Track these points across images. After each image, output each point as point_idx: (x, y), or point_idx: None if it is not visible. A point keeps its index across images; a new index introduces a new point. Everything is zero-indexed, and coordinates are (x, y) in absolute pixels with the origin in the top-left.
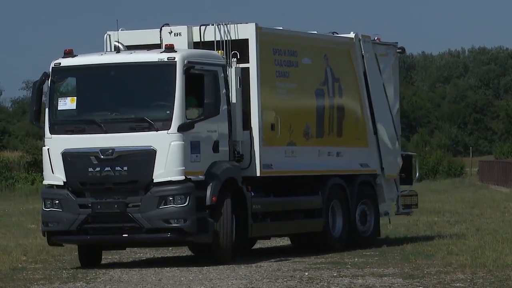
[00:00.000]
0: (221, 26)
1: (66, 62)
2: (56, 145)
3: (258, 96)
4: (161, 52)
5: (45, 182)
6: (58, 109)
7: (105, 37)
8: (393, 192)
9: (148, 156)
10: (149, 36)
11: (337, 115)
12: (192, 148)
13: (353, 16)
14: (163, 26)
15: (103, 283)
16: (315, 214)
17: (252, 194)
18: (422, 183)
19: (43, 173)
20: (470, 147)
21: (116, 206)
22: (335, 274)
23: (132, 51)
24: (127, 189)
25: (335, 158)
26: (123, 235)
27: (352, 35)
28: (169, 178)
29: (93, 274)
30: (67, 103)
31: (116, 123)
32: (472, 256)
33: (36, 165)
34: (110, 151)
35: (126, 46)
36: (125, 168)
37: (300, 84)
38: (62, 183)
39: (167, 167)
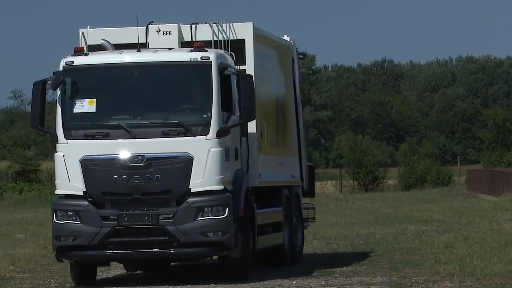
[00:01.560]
0: (215, 25)
1: (80, 60)
2: (73, 151)
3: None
4: (190, 51)
5: (59, 191)
6: (74, 112)
7: (80, 35)
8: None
9: (184, 163)
10: (131, 34)
11: (282, 122)
12: (225, 155)
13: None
14: (149, 24)
15: None
16: (279, 227)
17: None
18: (410, 192)
19: (56, 181)
20: (458, 156)
21: (146, 218)
22: (323, 283)
23: (156, 49)
24: (159, 200)
25: (282, 168)
26: (154, 250)
27: (287, 38)
28: (208, 188)
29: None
30: (85, 106)
31: (146, 128)
32: (460, 265)
33: (24, 175)
34: (140, 158)
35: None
36: (157, 176)
37: (269, 89)
38: (81, 193)
39: (206, 175)
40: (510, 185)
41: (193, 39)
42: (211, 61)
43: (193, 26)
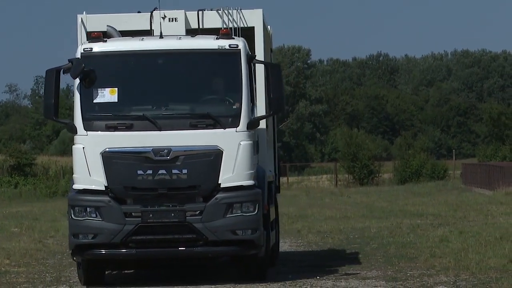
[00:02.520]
0: (224, 12)
1: (99, 47)
2: (93, 143)
3: (256, 92)
4: (217, 38)
5: (78, 186)
6: (95, 101)
7: (78, 21)
8: None
9: (213, 157)
10: (133, 21)
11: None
12: (254, 149)
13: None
14: (153, 10)
15: (87, 287)
16: (273, 225)
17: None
18: (405, 186)
19: (74, 175)
20: (453, 150)
21: (173, 215)
22: (318, 277)
23: (179, 36)
24: (186, 195)
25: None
26: (180, 249)
27: (270, 28)
28: (239, 183)
29: (76, 278)
30: (106, 95)
31: (172, 119)
32: (455, 258)
33: (19, 169)
34: (166, 151)
35: (103, 31)
36: (185, 171)
37: None
38: (103, 188)
39: (237, 170)
40: (505, 179)
41: (200, 26)
42: (240, 49)
43: (200, 12)
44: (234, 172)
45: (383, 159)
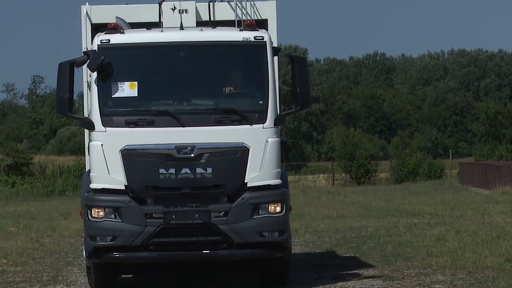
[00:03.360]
0: (236, 3)
1: (117, 39)
2: (112, 140)
3: (277, 87)
4: (240, 30)
5: (96, 185)
6: (113, 96)
7: (82, 12)
8: None
9: (239, 155)
10: (141, 12)
11: None
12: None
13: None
14: (162, 1)
15: (84, 286)
16: None
17: None
18: (402, 185)
19: (91, 174)
20: (450, 149)
21: (197, 215)
22: (315, 276)
23: (201, 28)
24: (210, 195)
25: None
26: (203, 252)
27: None
28: (266, 182)
29: (74, 277)
30: (125, 90)
31: (196, 115)
32: (452, 257)
33: (16, 168)
34: (189, 148)
35: (108, 23)
36: (209, 169)
37: None
38: (123, 187)
39: (264, 168)
40: (502, 178)
41: (211, 18)
42: (265, 41)
43: (211, 4)
44: (261, 170)
45: (380, 158)
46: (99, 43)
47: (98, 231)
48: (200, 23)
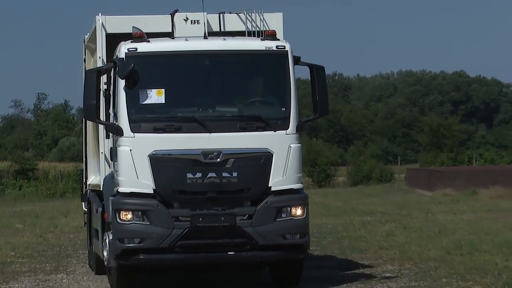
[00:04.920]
0: (245, 15)
1: (144, 47)
2: (141, 145)
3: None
4: (263, 40)
5: (125, 189)
6: (141, 103)
7: (97, 22)
8: None
9: (263, 160)
10: (154, 22)
11: None
12: None
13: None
14: (175, 12)
15: (81, 275)
16: None
17: None
18: (357, 188)
19: (120, 178)
20: (399, 157)
21: (223, 218)
22: None
23: (225, 37)
24: (235, 199)
25: None
26: (229, 253)
27: None
28: (289, 186)
29: (73, 267)
30: (153, 96)
31: (222, 121)
32: (400, 250)
33: (23, 173)
34: (216, 153)
35: (122, 33)
36: (235, 174)
37: None
38: (151, 191)
39: (287, 173)
40: (443, 182)
41: (222, 29)
42: (287, 50)
43: (221, 15)
44: (284, 175)
45: (338, 164)
46: (126, 51)
47: (127, 233)
48: (211, 34)
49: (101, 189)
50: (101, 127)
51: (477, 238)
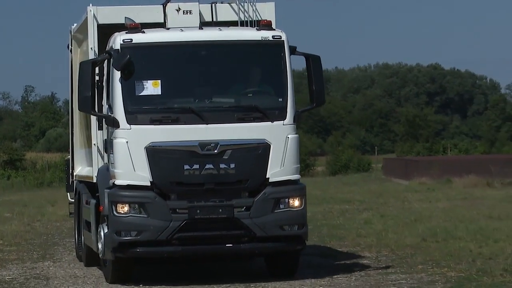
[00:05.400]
0: (238, 5)
1: (138, 38)
2: (137, 137)
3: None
4: (258, 30)
5: (121, 181)
6: (137, 94)
7: (89, 13)
8: None
9: (261, 151)
10: (146, 13)
11: None
12: None
13: None
14: (167, 3)
15: (68, 263)
16: None
17: None
18: (336, 177)
19: (116, 171)
20: (376, 147)
21: (221, 210)
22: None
23: (220, 28)
24: (233, 190)
25: None
26: (227, 245)
27: None
28: (287, 177)
29: (59, 255)
30: (149, 88)
31: (219, 112)
32: (377, 238)
33: (11, 163)
34: (213, 145)
35: (113, 24)
36: (232, 165)
37: None
38: (148, 183)
39: (285, 164)
40: (419, 171)
41: (214, 19)
42: (283, 40)
43: (213, 5)
44: (282, 166)
45: (317, 154)
46: (121, 42)
47: (124, 226)
48: (203, 24)
49: (94, 181)
50: (93, 118)
51: (452, 226)
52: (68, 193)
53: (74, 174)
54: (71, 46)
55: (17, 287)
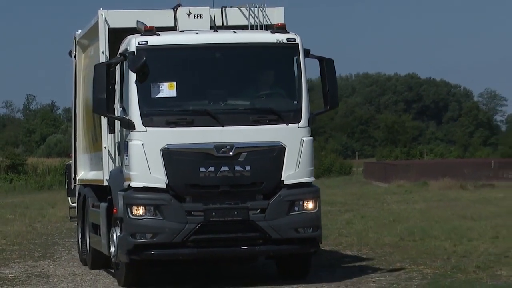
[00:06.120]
0: (248, 9)
1: (154, 40)
2: (153, 139)
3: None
4: (273, 32)
5: (137, 184)
6: (153, 97)
7: (100, 17)
8: None
9: (276, 153)
10: (158, 17)
11: None
12: None
13: None
14: (177, 7)
15: (67, 261)
16: None
17: None
18: (319, 180)
19: (131, 173)
20: (357, 152)
21: (236, 212)
22: None
23: (235, 30)
24: (248, 193)
25: None
26: (242, 248)
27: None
28: (302, 180)
29: (59, 254)
30: (165, 90)
31: (234, 114)
32: (358, 237)
33: (13, 168)
34: (228, 147)
35: (125, 28)
36: (248, 167)
37: None
38: (164, 186)
39: (300, 166)
40: (397, 174)
41: (224, 24)
42: (297, 43)
43: (223, 10)
44: (297, 168)
45: None
46: (137, 44)
47: (139, 228)
48: (214, 28)
49: (104, 184)
50: (103, 122)
51: (428, 225)
52: (69, 198)
53: (77, 178)
54: (75, 52)
55: (19, 284)
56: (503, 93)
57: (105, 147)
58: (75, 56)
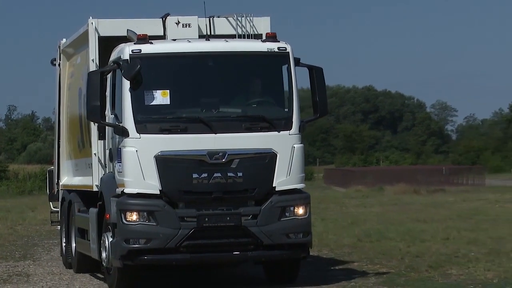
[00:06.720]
0: (234, 19)
1: (147, 48)
2: (147, 146)
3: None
4: (264, 41)
5: (131, 190)
6: (147, 104)
7: (90, 25)
8: None
9: (268, 160)
10: (147, 26)
11: None
12: None
13: None
14: (166, 16)
15: (46, 261)
16: None
17: None
18: None
19: (125, 179)
20: (318, 159)
21: (228, 218)
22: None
23: (227, 39)
24: (240, 199)
25: None
26: (234, 253)
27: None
28: (293, 186)
29: (38, 255)
30: (158, 98)
31: (227, 122)
32: (318, 238)
33: None
34: (221, 154)
35: (115, 36)
36: (240, 174)
37: None
38: (157, 192)
39: (291, 173)
40: (355, 180)
41: (211, 33)
42: (288, 52)
43: (211, 19)
44: (288, 175)
45: None
46: (130, 52)
47: (133, 234)
48: (202, 37)
49: (94, 190)
50: (93, 129)
51: (384, 228)
52: (50, 202)
53: (61, 183)
54: (59, 60)
55: (1, 283)
56: (453, 104)
57: (95, 154)
58: (59, 65)
